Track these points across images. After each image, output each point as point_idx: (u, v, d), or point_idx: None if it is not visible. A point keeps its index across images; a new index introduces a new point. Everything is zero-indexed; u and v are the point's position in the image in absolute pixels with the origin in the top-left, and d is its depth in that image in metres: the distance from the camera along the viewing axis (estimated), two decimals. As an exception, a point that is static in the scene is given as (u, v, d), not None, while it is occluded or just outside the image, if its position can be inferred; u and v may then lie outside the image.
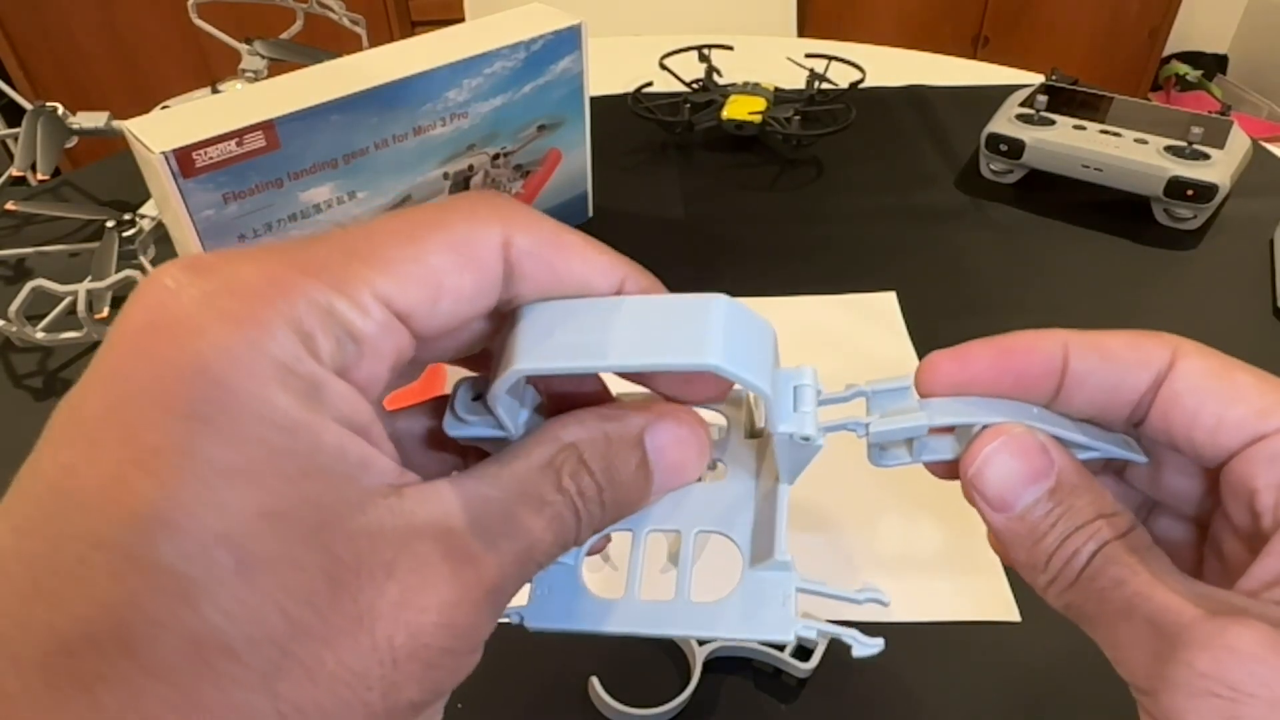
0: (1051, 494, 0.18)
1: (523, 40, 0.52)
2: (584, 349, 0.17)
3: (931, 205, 0.66)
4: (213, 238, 0.44)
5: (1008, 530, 0.19)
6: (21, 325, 0.49)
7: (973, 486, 0.19)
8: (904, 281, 0.57)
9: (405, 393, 0.21)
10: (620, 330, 0.17)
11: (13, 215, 0.66)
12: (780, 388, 0.19)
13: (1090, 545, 0.18)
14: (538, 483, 0.17)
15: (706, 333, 0.17)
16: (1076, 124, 0.64)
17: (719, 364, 0.16)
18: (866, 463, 0.22)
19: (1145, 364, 0.19)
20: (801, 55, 0.78)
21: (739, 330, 0.17)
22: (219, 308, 0.14)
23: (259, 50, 0.69)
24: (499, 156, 0.55)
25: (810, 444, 0.19)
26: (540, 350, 0.17)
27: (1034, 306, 0.55)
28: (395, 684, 0.14)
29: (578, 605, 0.20)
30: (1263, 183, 0.67)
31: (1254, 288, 0.57)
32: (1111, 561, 0.17)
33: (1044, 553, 0.18)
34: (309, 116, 0.45)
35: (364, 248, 0.16)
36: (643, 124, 0.74)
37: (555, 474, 0.17)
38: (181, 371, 0.13)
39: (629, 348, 0.17)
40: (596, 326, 0.17)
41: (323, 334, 0.15)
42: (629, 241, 0.70)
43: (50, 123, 0.62)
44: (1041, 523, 0.18)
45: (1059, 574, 0.18)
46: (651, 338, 0.17)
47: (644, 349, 0.17)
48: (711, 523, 0.21)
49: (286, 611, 0.13)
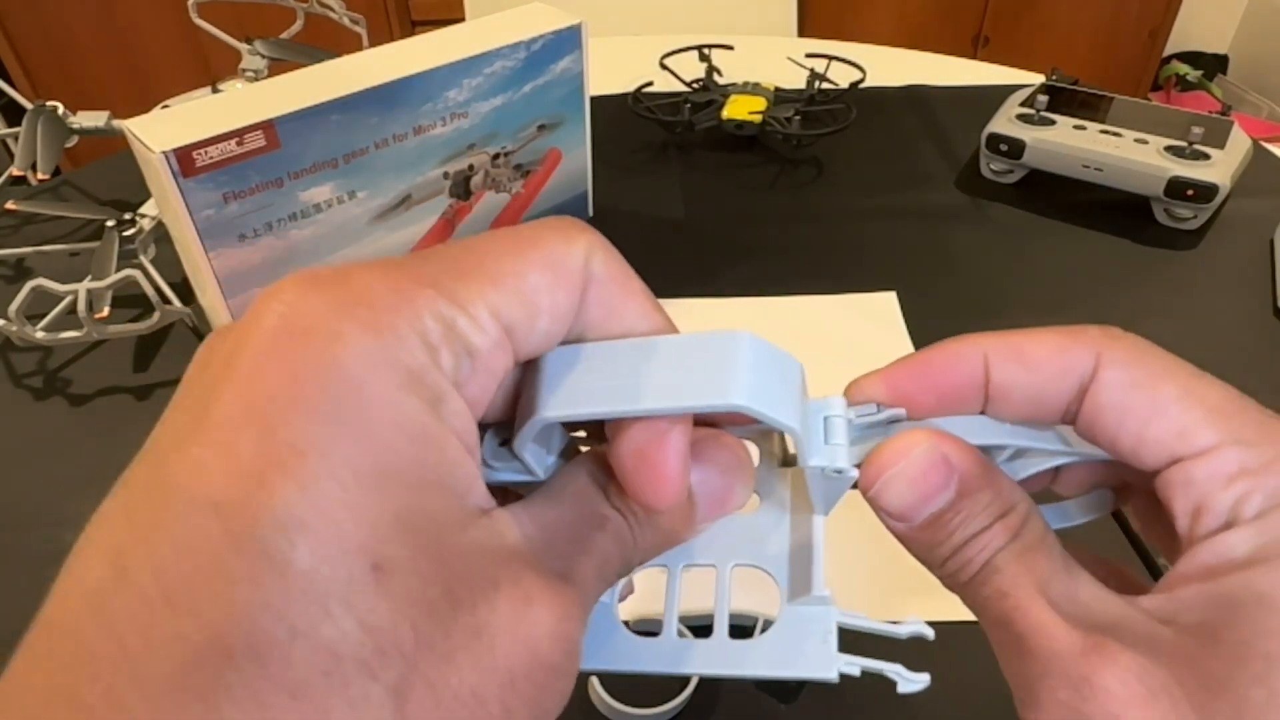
0: (951, 503, 0.18)
1: (523, 40, 0.52)
2: (609, 394, 0.17)
3: (931, 205, 0.66)
4: (213, 237, 0.44)
5: (907, 537, 0.19)
6: (21, 325, 0.49)
7: (875, 504, 0.19)
8: (904, 281, 0.57)
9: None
10: (645, 373, 0.17)
11: (13, 215, 0.66)
12: (810, 422, 0.19)
13: (982, 555, 0.18)
14: (594, 501, 0.17)
15: (733, 372, 0.16)
16: (1077, 124, 0.64)
17: (746, 404, 0.16)
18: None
19: (1068, 372, 0.18)
20: (802, 55, 0.78)
21: (765, 367, 0.17)
22: (352, 314, 0.14)
23: (259, 50, 0.69)
24: (499, 156, 0.55)
25: (843, 476, 0.19)
26: (564, 397, 0.17)
27: (1034, 306, 0.55)
28: (510, 704, 0.14)
29: (617, 644, 0.20)
30: (1263, 183, 0.67)
31: (1254, 288, 0.57)
32: (997, 571, 0.18)
33: (939, 558, 0.19)
34: (309, 116, 0.45)
35: (473, 263, 0.16)
36: (643, 124, 0.74)
37: (602, 490, 0.17)
38: (319, 374, 0.13)
39: (655, 391, 0.16)
40: (620, 370, 0.17)
41: (446, 347, 0.15)
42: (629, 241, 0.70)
43: (50, 122, 0.62)
44: (939, 532, 0.19)
45: (952, 576, 0.19)
46: (677, 379, 0.17)
47: (670, 392, 0.16)
48: (748, 557, 0.21)
49: (415, 624, 0.13)
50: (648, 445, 0.16)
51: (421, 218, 0.53)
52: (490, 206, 0.57)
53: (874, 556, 0.41)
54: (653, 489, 0.17)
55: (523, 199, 0.59)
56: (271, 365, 0.13)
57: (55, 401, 0.50)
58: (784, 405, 0.17)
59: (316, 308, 0.14)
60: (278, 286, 0.15)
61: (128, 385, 0.52)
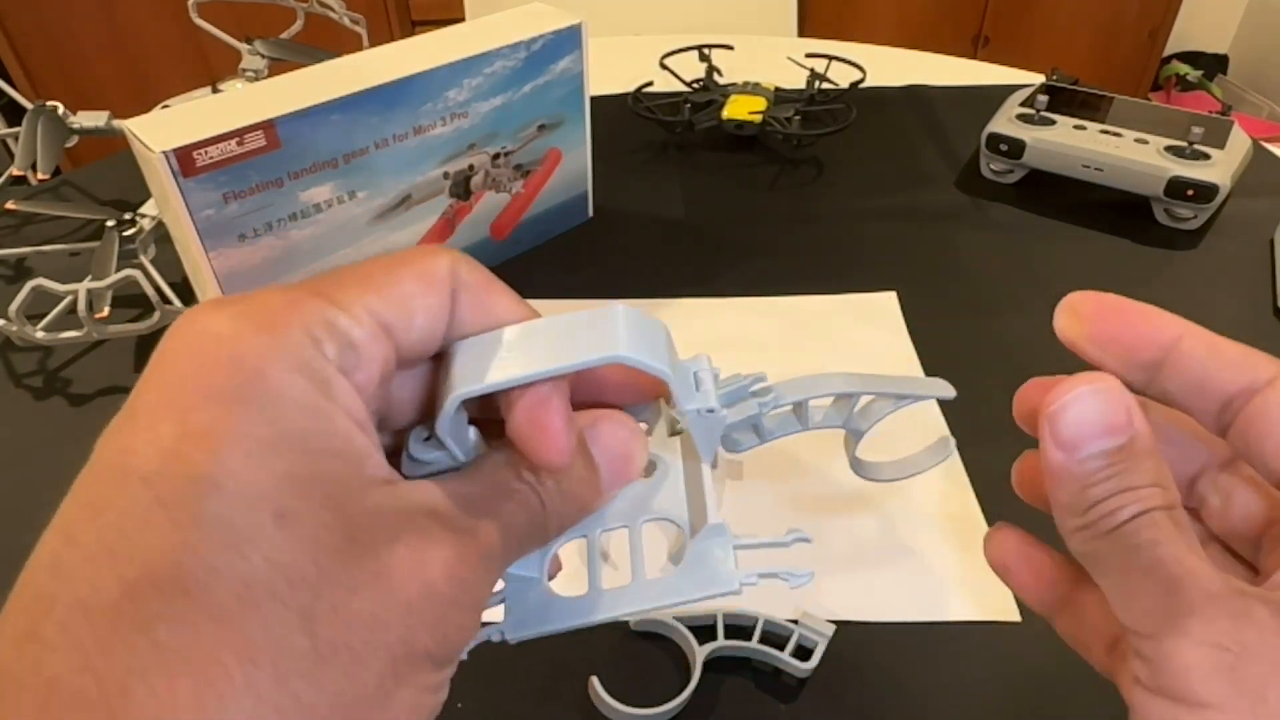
0: (1119, 450, 0.19)
1: (523, 40, 0.52)
2: (512, 364, 0.19)
3: (931, 205, 0.66)
4: (213, 237, 0.44)
5: (1063, 470, 0.19)
6: (21, 325, 0.49)
7: (1049, 421, 0.19)
8: (904, 281, 0.57)
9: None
10: (539, 345, 0.20)
11: (13, 215, 0.66)
12: (681, 374, 0.22)
13: (1134, 507, 0.19)
14: (503, 477, 0.20)
15: (611, 333, 0.19)
16: (1077, 124, 0.64)
17: (625, 354, 0.19)
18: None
19: (1248, 370, 0.19)
20: (802, 55, 0.78)
21: (638, 329, 0.20)
22: (249, 320, 0.17)
23: (259, 50, 0.69)
24: (499, 156, 0.55)
25: (715, 416, 0.22)
26: (473, 375, 0.19)
27: (1034, 306, 0.55)
28: (411, 629, 0.17)
29: (549, 609, 0.23)
30: (1263, 183, 0.67)
31: (1254, 288, 0.57)
32: (1152, 525, 0.19)
33: (1089, 500, 0.19)
34: (309, 116, 0.45)
35: (355, 278, 0.19)
36: (643, 124, 0.74)
37: (514, 469, 0.20)
38: (221, 364, 0.16)
39: (547, 356, 0.19)
40: (517, 346, 0.20)
41: (329, 339, 0.18)
42: (629, 241, 0.70)
43: (50, 122, 0.62)
44: (1099, 473, 0.19)
45: (1095, 523, 0.19)
46: (567, 345, 0.19)
47: (560, 355, 0.19)
48: (653, 512, 0.24)
49: (318, 561, 0.16)
50: (535, 409, 0.19)
51: (421, 218, 0.53)
52: (490, 206, 0.57)
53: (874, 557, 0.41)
54: (544, 445, 0.19)
55: (523, 199, 0.59)
56: (184, 364, 0.16)
57: (55, 401, 0.50)
58: (657, 357, 0.20)
59: (220, 319, 0.17)
60: (191, 309, 0.18)
61: (128, 385, 0.52)
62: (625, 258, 0.60)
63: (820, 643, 0.34)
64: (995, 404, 0.48)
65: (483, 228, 0.58)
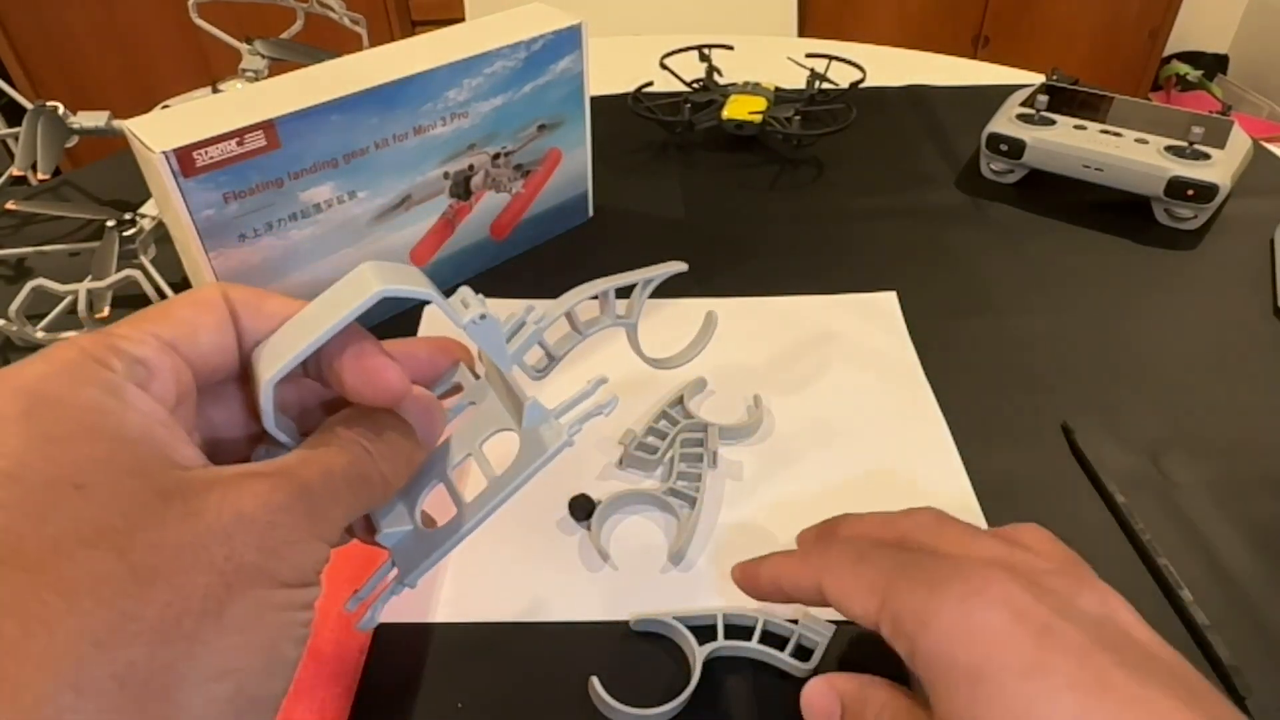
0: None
1: (523, 40, 0.52)
2: (297, 341, 0.22)
3: (932, 205, 0.66)
4: (213, 237, 0.44)
5: None
6: (22, 325, 0.49)
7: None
8: (904, 281, 0.57)
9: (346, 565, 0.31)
10: (313, 317, 0.23)
11: (13, 215, 0.66)
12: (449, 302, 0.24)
13: None
14: (320, 439, 0.23)
15: (366, 281, 0.22)
16: (1077, 124, 0.64)
17: (383, 289, 0.22)
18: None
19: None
20: (802, 55, 0.78)
21: (390, 271, 0.23)
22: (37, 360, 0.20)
23: (259, 50, 0.69)
24: (499, 156, 0.55)
25: (488, 321, 0.25)
26: (271, 363, 0.22)
27: (1034, 306, 0.55)
28: (234, 548, 0.19)
29: (429, 543, 0.26)
30: (1263, 183, 0.67)
31: (1254, 288, 0.57)
32: None
33: None
34: (309, 116, 0.45)
35: (134, 317, 0.22)
36: (643, 124, 0.74)
37: (331, 430, 0.24)
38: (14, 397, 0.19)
39: (324, 320, 0.22)
40: (297, 325, 0.23)
41: (114, 358, 0.20)
42: (629, 241, 0.70)
43: (50, 122, 0.62)
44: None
45: None
46: (334, 307, 0.22)
47: (334, 314, 0.22)
48: (484, 431, 0.28)
49: (125, 514, 0.18)
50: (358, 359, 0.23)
51: (421, 218, 0.53)
52: (490, 206, 0.57)
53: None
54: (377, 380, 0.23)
55: (523, 199, 0.59)
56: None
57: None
58: (415, 288, 0.22)
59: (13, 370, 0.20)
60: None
61: (128, 385, 0.52)
62: (625, 258, 0.60)
63: (820, 643, 0.34)
64: (995, 404, 0.48)
65: (483, 228, 0.58)
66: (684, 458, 0.43)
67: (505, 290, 0.56)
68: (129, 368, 0.20)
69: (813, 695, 0.29)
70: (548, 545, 0.40)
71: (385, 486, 0.24)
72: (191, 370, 0.22)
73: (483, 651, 0.36)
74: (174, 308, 0.23)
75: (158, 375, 0.21)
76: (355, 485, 0.23)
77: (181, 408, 0.22)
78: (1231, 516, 0.41)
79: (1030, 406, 0.48)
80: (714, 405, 0.48)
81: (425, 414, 0.26)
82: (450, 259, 0.57)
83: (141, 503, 0.18)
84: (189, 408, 0.22)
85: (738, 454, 0.45)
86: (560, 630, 0.37)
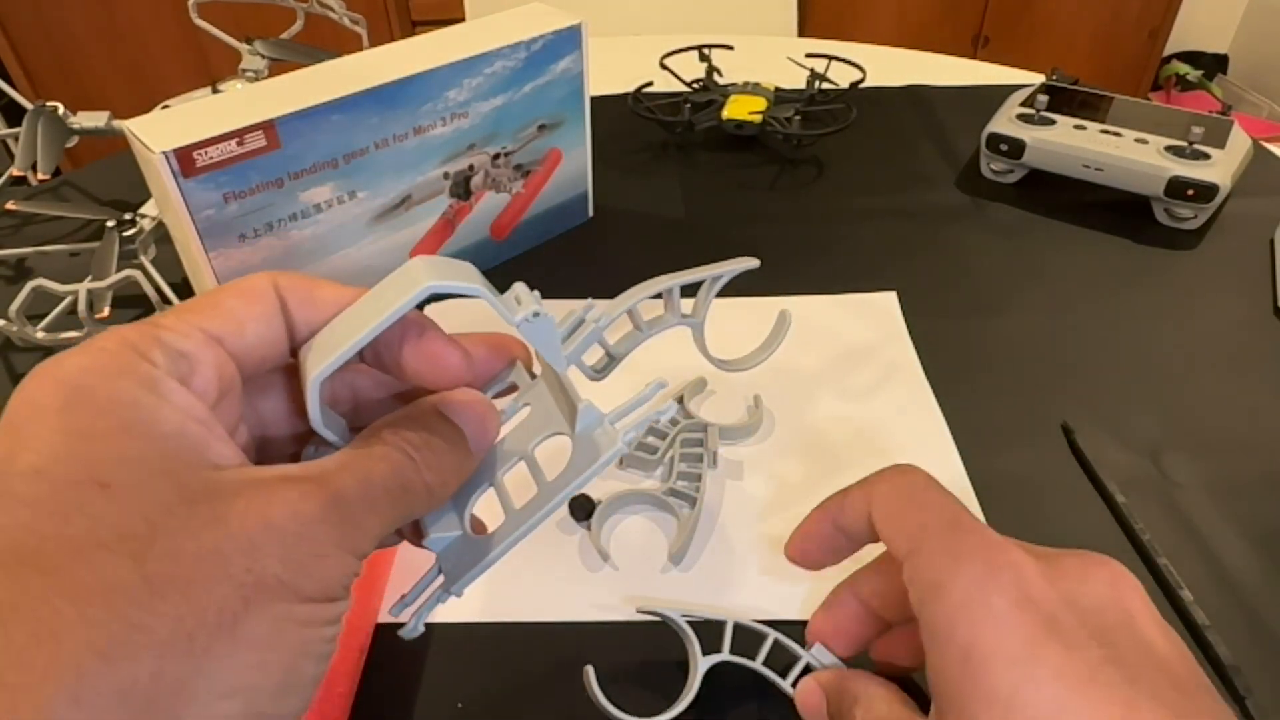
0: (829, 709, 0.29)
1: (523, 40, 0.52)
2: (345, 338, 0.22)
3: (932, 205, 0.66)
4: (213, 237, 0.44)
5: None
6: (22, 325, 0.49)
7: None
8: (904, 281, 0.57)
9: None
10: (362, 313, 0.22)
11: (13, 215, 0.66)
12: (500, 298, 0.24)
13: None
14: (365, 441, 0.22)
15: (415, 276, 0.21)
16: (1077, 124, 0.64)
17: (431, 285, 0.21)
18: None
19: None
20: (802, 55, 0.78)
21: (441, 266, 0.22)
22: (76, 353, 0.20)
23: (259, 50, 0.69)
24: (499, 156, 0.55)
25: (542, 319, 0.24)
26: (320, 359, 0.22)
27: (1034, 306, 0.55)
28: (256, 559, 0.18)
29: (478, 550, 0.25)
30: (1263, 183, 0.67)
31: (1254, 288, 0.57)
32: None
33: None
34: (309, 116, 0.45)
35: (178, 308, 0.22)
36: (643, 124, 0.74)
37: (377, 433, 0.23)
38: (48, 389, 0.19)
39: (372, 316, 0.21)
40: (345, 321, 0.22)
41: (158, 351, 0.20)
42: (629, 241, 0.70)
43: (51, 122, 0.62)
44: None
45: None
46: (382, 302, 0.22)
47: (381, 310, 0.21)
48: (539, 435, 0.26)
49: (148, 518, 0.17)
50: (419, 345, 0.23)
51: (421, 218, 0.53)
52: (490, 206, 0.57)
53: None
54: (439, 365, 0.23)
55: (523, 199, 0.59)
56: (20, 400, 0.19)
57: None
58: (465, 284, 0.22)
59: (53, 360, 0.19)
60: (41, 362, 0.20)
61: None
62: (625, 258, 0.60)
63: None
64: (995, 404, 0.48)
65: (483, 228, 0.58)
66: (684, 458, 0.43)
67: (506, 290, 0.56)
68: (171, 361, 0.20)
69: (802, 693, 0.30)
70: (548, 545, 0.40)
71: (429, 496, 0.23)
72: (237, 363, 0.22)
73: (483, 651, 0.36)
74: (221, 297, 0.22)
75: (199, 369, 0.20)
76: (395, 495, 0.22)
77: (224, 403, 0.21)
78: (1231, 516, 0.41)
79: (1030, 406, 0.48)
80: (714, 405, 0.48)
81: (478, 420, 0.24)
82: (450, 259, 0.57)
83: (167, 506, 0.18)
84: (233, 402, 0.22)
85: (738, 454, 0.45)
86: (560, 630, 0.37)
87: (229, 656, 0.17)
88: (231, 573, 0.18)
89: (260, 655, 0.18)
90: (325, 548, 0.19)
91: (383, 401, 0.26)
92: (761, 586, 0.39)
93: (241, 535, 0.18)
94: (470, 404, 0.24)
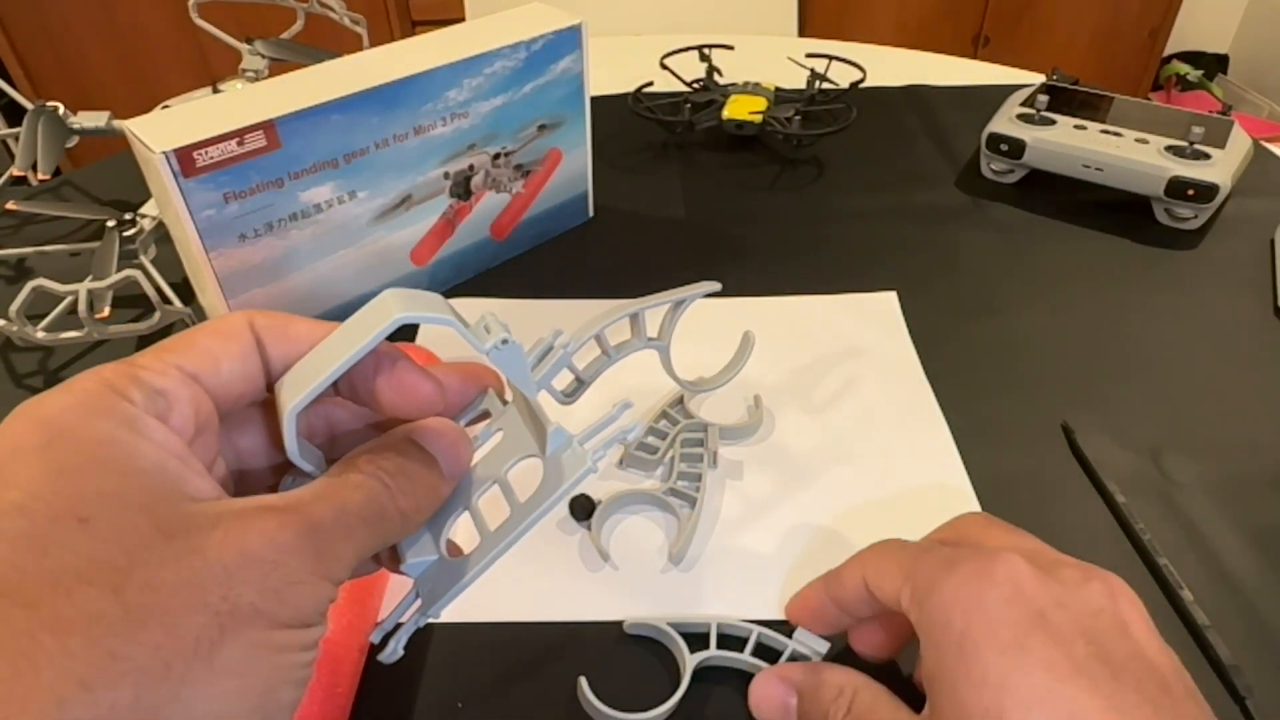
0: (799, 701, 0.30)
1: (523, 40, 0.52)
2: (318, 371, 0.22)
3: (932, 205, 0.66)
4: (213, 237, 0.44)
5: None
6: (22, 325, 0.49)
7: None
8: (904, 281, 0.57)
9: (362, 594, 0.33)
10: (335, 346, 0.23)
11: (13, 215, 0.66)
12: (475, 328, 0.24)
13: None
14: (341, 470, 0.23)
15: (386, 308, 0.22)
16: (1077, 124, 0.64)
17: (402, 316, 0.21)
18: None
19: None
20: (802, 55, 0.78)
21: (411, 298, 0.22)
22: (57, 392, 0.20)
23: (259, 50, 0.69)
24: (499, 156, 0.55)
25: (511, 346, 0.24)
26: (294, 392, 0.22)
27: (1034, 306, 0.55)
28: (232, 588, 0.18)
29: (454, 572, 0.26)
30: (1263, 183, 0.67)
31: (1254, 288, 0.57)
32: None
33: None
34: (309, 116, 0.45)
35: (155, 347, 0.22)
36: (643, 124, 0.74)
37: (352, 462, 0.23)
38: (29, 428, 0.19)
39: (344, 348, 0.22)
40: (319, 355, 0.23)
41: (136, 390, 0.20)
42: (629, 241, 0.70)
43: (51, 122, 0.62)
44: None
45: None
46: (354, 335, 0.22)
47: (353, 343, 0.22)
48: (511, 458, 0.27)
49: (126, 551, 0.18)
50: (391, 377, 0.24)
51: (422, 218, 0.53)
52: (490, 206, 0.57)
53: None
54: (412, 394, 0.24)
55: (523, 199, 0.59)
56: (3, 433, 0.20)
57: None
58: (435, 314, 0.22)
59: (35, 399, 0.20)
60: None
61: (128, 385, 0.52)
62: (625, 258, 0.60)
63: (814, 658, 0.34)
64: (995, 404, 0.48)
65: (483, 228, 0.58)
66: (684, 458, 0.43)
67: (506, 291, 0.56)
68: (148, 399, 0.21)
69: (760, 690, 0.30)
70: (548, 545, 0.40)
71: (404, 523, 0.23)
72: (213, 399, 0.22)
73: (483, 651, 0.36)
74: (197, 337, 0.23)
75: (177, 406, 0.21)
76: (371, 522, 0.22)
77: (202, 438, 0.22)
78: (1231, 516, 0.41)
79: (1030, 406, 0.48)
80: (714, 405, 0.48)
81: (451, 447, 0.25)
82: (450, 259, 0.57)
83: (144, 539, 0.18)
84: (210, 438, 0.22)
85: (738, 454, 0.45)
86: (560, 630, 0.37)
87: (207, 683, 0.18)
88: (208, 601, 0.18)
89: (237, 681, 0.18)
90: (301, 575, 0.20)
91: (358, 432, 0.26)
92: (762, 587, 0.39)
93: (217, 565, 0.18)
94: (443, 432, 0.25)
